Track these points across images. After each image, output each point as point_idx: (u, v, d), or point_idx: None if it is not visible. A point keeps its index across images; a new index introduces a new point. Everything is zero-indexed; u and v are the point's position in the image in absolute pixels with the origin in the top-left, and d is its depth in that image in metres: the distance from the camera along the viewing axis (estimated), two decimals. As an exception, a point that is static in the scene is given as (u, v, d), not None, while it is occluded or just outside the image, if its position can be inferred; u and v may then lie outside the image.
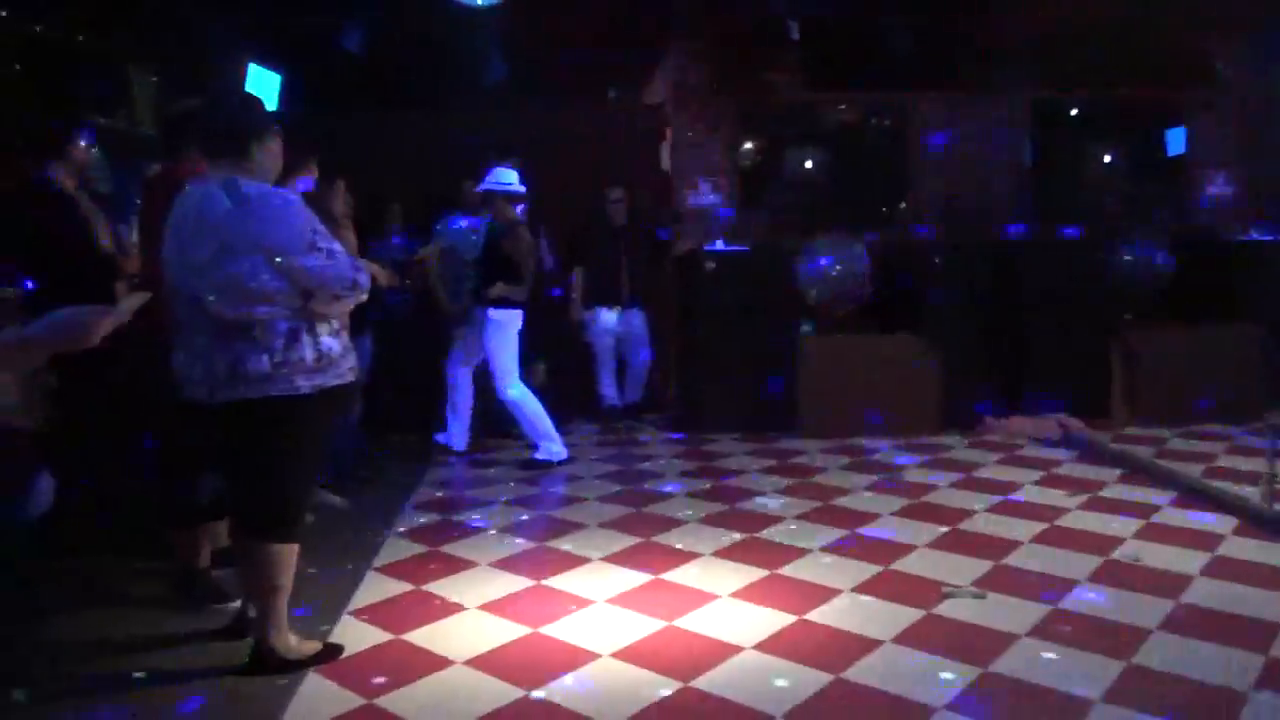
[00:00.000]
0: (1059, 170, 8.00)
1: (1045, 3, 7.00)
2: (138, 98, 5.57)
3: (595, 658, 3.04)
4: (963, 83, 7.94)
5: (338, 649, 3.10)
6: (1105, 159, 8.18)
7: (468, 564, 3.97)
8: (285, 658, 2.96)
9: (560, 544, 4.21)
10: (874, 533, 4.30)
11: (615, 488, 5.19)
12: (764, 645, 3.11)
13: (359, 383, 3.32)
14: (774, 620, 3.31)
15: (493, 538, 4.36)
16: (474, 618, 3.41)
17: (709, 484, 5.23)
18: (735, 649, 3.09)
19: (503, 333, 5.59)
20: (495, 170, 5.72)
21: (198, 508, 3.51)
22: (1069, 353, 6.62)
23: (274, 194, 2.87)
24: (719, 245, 6.78)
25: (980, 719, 2.64)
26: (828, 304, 6.62)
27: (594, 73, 8.45)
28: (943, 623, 3.29)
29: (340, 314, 3.02)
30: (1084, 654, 3.00)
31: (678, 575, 3.79)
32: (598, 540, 4.25)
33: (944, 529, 4.32)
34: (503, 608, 3.48)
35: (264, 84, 6.23)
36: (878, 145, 7.93)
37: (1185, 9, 7.26)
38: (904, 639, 3.15)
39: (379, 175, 7.09)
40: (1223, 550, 3.97)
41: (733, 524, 4.46)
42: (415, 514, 4.76)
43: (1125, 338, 6.71)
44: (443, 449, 6.02)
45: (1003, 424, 6.37)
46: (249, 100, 3.25)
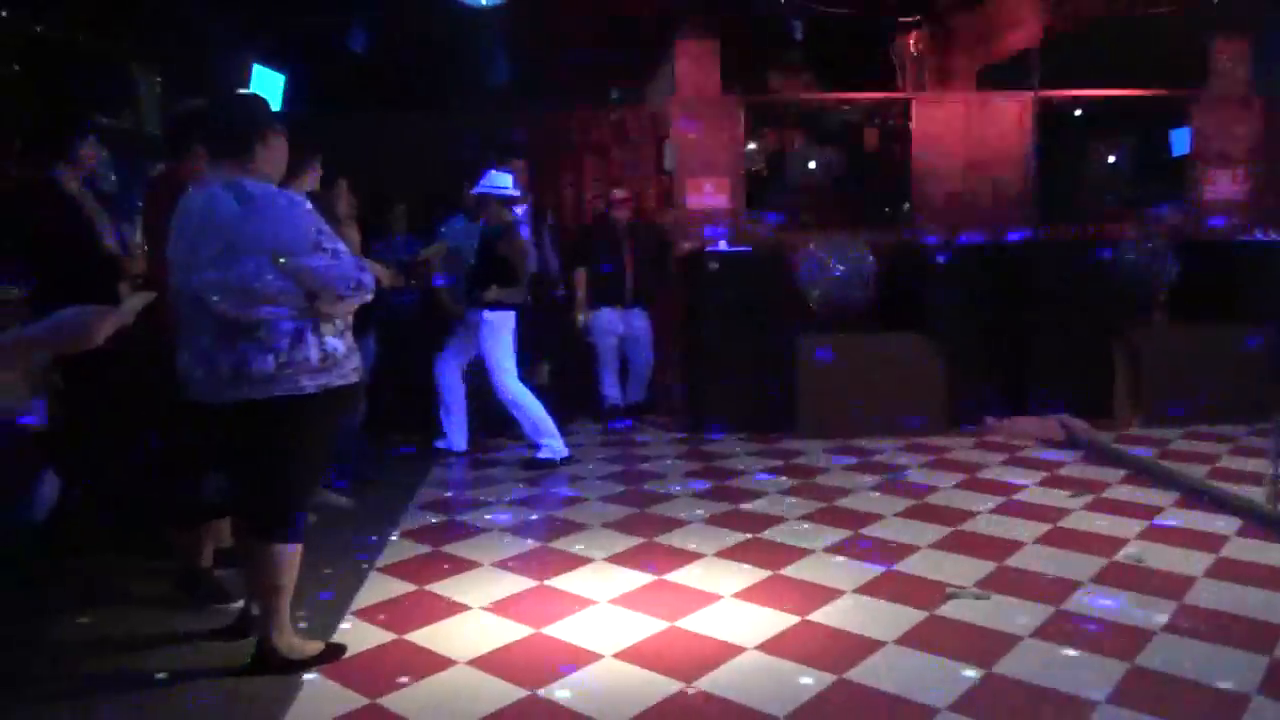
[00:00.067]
0: (1063, 170, 7.99)
1: (1048, 3, 6.99)
2: (142, 98, 5.58)
3: (598, 658, 3.05)
4: (968, 81, 7.95)
5: (340, 649, 3.10)
6: (1109, 159, 8.16)
7: (471, 564, 3.98)
8: (288, 658, 2.97)
9: (563, 544, 4.21)
10: (877, 533, 4.29)
11: (618, 488, 5.19)
12: (767, 646, 3.11)
13: (363, 383, 3.32)
14: (777, 621, 3.31)
15: (496, 538, 4.36)
16: (477, 618, 3.41)
17: (712, 484, 5.23)
18: (738, 649, 3.09)
19: (497, 333, 5.61)
20: (489, 173, 5.75)
21: (200, 507, 3.51)
22: (1072, 353, 6.61)
23: (279, 194, 2.88)
24: (722, 246, 6.78)
25: (983, 720, 2.64)
26: (831, 305, 6.62)
27: (597, 73, 8.46)
28: (946, 624, 3.29)
29: (345, 314, 3.03)
30: (1087, 655, 3.00)
31: (680, 576, 3.79)
32: (600, 540, 4.26)
33: (947, 530, 4.32)
34: (506, 608, 3.48)
35: (268, 84, 6.24)
36: (882, 145, 7.91)
37: (1189, 8, 7.25)
38: (907, 640, 3.14)
39: (382, 175, 7.12)
40: (1226, 552, 3.97)
41: (736, 524, 4.46)
42: (418, 514, 4.76)
43: (1129, 338, 6.70)
44: (444, 453, 6.02)
45: (1006, 424, 6.36)
46: (253, 100, 3.25)
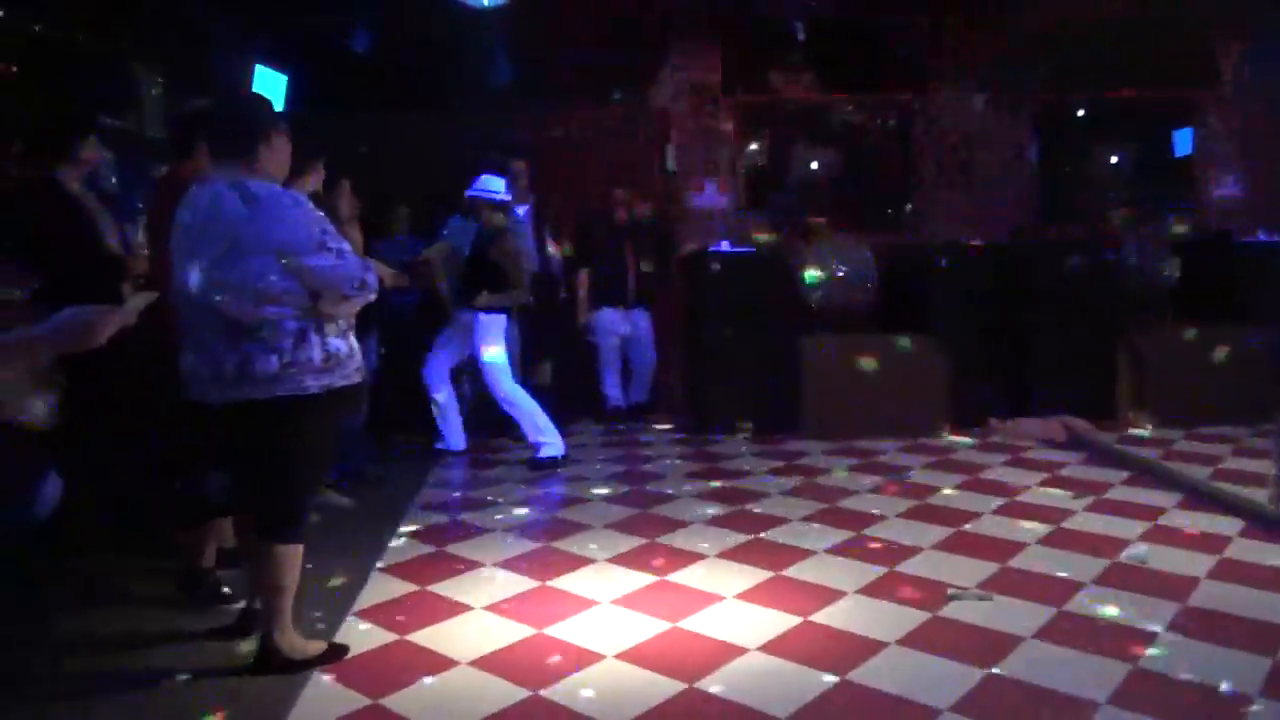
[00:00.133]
0: (1066, 171, 7.99)
1: (1052, 3, 6.99)
2: (144, 99, 5.59)
3: (600, 659, 3.05)
4: (969, 84, 7.94)
5: (343, 649, 3.10)
6: (1112, 160, 8.16)
7: (473, 564, 3.98)
8: (290, 658, 2.97)
9: (565, 545, 4.21)
10: (879, 534, 4.29)
11: (620, 488, 5.19)
12: (769, 647, 3.11)
13: (365, 384, 3.32)
14: (779, 622, 3.31)
15: (498, 538, 4.36)
16: (479, 618, 3.41)
17: (714, 485, 5.22)
18: (740, 650, 3.09)
19: (491, 334, 5.68)
20: (482, 177, 5.83)
21: (203, 507, 3.51)
22: (1075, 354, 6.60)
23: (283, 194, 2.88)
24: (724, 246, 6.78)
25: (986, 721, 2.63)
26: (833, 306, 6.62)
27: (598, 73, 8.46)
28: (948, 625, 3.28)
29: (348, 314, 3.03)
30: (1090, 656, 2.99)
31: (683, 576, 3.79)
32: (603, 541, 4.26)
33: (950, 531, 4.31)
34: (508, 608, 3.48)
35: (271, 85, 6.25)
36: (884, 145, 7.91)
37: (1192, 9, 7.25)
38: (909, 641, 3.14)
39: (383, 176, 7.13)
40: (1230, 553, 3.96)
41: (738, 525, 4.46)
42: (420, 514, 4.77)
43: (1132, 339, 6.69)
44: (444, 454, 6.03)
45: (1009, 425, 6.36)
46: (257, 100, 3.26)
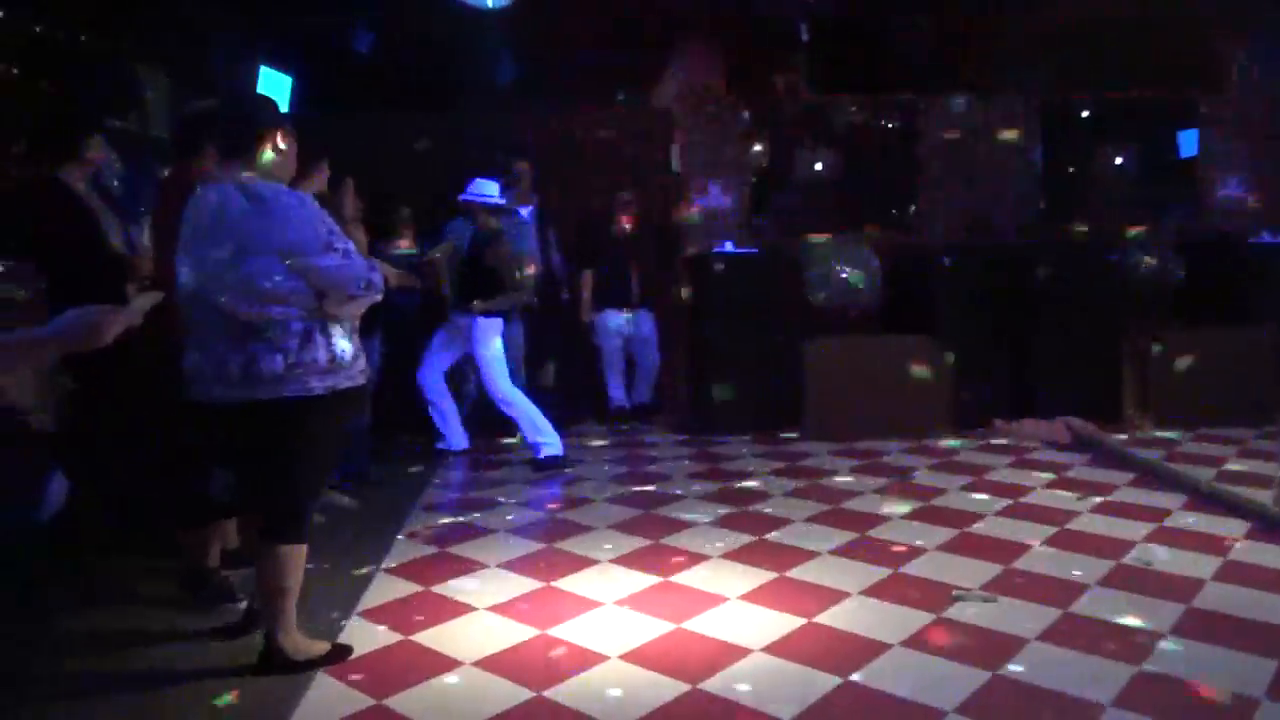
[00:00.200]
0: (1070, 172, 7.97)
1: (1056, 3, 6.98)
2: (149, 99, 5.59)
3: (604, 659, 3.05)
4: (973, 84, 7.93)
5: (347, 650, 3.11)
6: (1116, 161, 8.15)
7: (476, 565, 3.98)
8: (294, 658, 2.97)
9: (569, 545, 4.21)
10: (883, 535, 4.28)
11: (624, 489, 5.19)
12: (772, 648, 3.11)
13: (370, 385, 3.33)
14: (783, 623, 3.31)
15: (501, 539, 4.36)
16: (483, 619, 3.41)
17: (718, 486, 5.22)
18: (744, 651, 3.08)
19: (487, 336, 5.71)
20: (475, 181, 5.88)
21: (207, 507, 3.52)
22: (1080, 355, 6.59)
23: (289, 194, 2.89)
24: (728, 247, 6.78)
25: (990, 723, 2.63)
26: (837, 306, 6.62)
27: (602, 74, 8.46)
28: (952, 626, 3.28)
29: (353, 315, 3.04)
30: (1094, 658, 2.99)
31: (686, 577, 3.79)
32: (606, 542, 4.26)
33: (954, 532, 4.31)
34: (511, 609, 3.48)
35: (275, 86, 6.26)
36: (888, 147, 7.90)
37: (1196, 9, 7.24)
38: (913, 642, 3.14)
39: (388, 176, 7.14)
40: (1235, 555, 3.95)
41: (742, 526, 4.45)
42: (424, 515, 4.77)
43: (1136, 340, 6.68)
44: (447, 454, 6.04)
45: (1013, 426, 6.35)
46: (263, 101, 3.26)
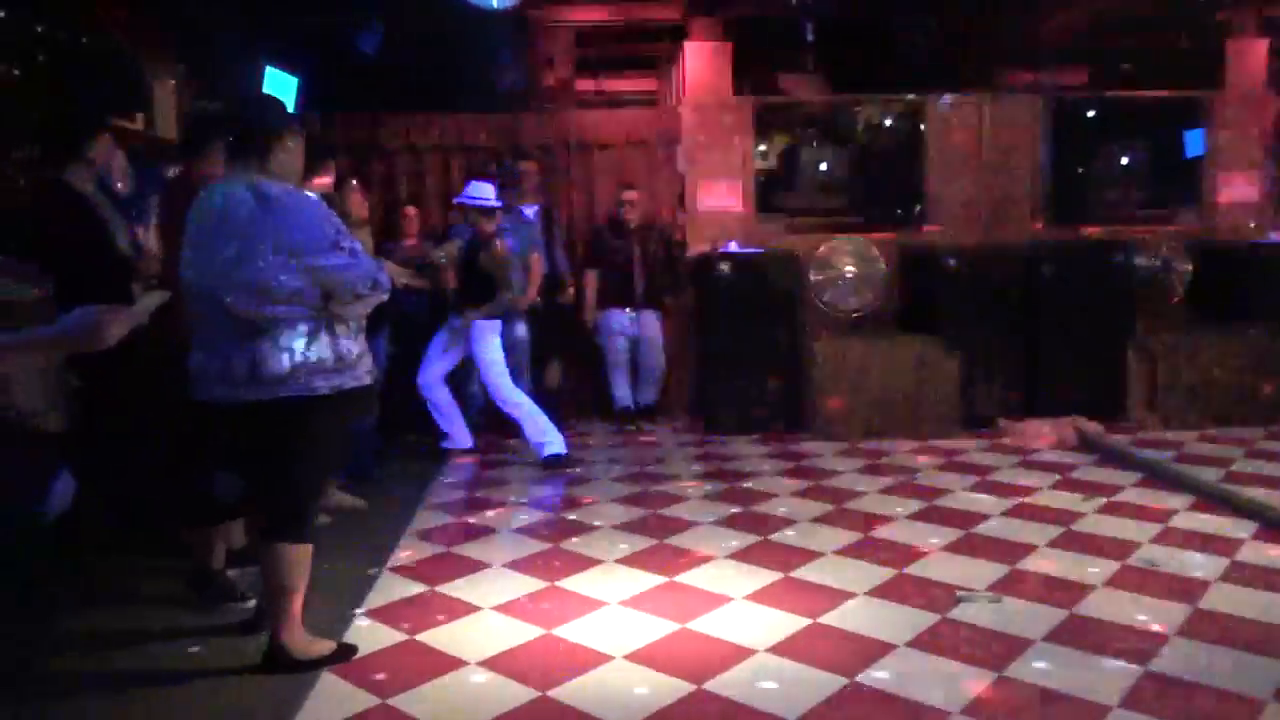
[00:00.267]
0: (1076, 172, 7.95)
1: (1063, 3, 6.96)
2: (156, 99, 5.61)
3: (608, 660, 3.05)
4: (980, 84, 7.92)
5: (352, 649, 3.12)
6: (1123, 160, 8.12)
7: (481, 565, 3.99)
8: (299, 658, 2.98)
9: (573, 545, 4.22)
10: (888, 536, 4.28)
11: (628, 489, 5.19)
12: (777, 648, 3.11)
13: (376, 385, 3.33)
14: (787, 623, 3.31)
15: (506, 539, 4.37)
16: (488, 619, 3.42)
17: (723, 486, 5.22)
18: (748, 652, 3.08)
19: (486, 338, 5.75)
20: (471, 184, 5.91)
21: (212, 507, 3.53)
22: (1086, 355, 6.57)
23: (296, 194, 2.90)
24: (733, 247, 6.77)
25: (995, 724, 2.63)
26: (843, 307, 6.61)
27: (608, 74, 8.48)
28: (957, 627, 3.27)
29: (360, 315, 3.04)
30: (1100, 659, 2.98)
31: (691, 577, 3.79)
32: (611, 542, 4.26)
33: (959, 532, 4.30)
34: (516, 609, 3.49)
35: (282, 87, 6.26)
36: (894, 146, 7.89)
37: (1204, 9, 7.22)
38: (918, 643, 3.13)
39: (394, 176, 7.16)
40: (1241, 556, 3.94)
41: (746, 526, 4.45)
42: (429, 515, 4.78)
43: (1143, 340, 6.66)
44: (453, 453, 6.05)
45: (1019, 427, 6.33)
46: (271, 101, 3.28)
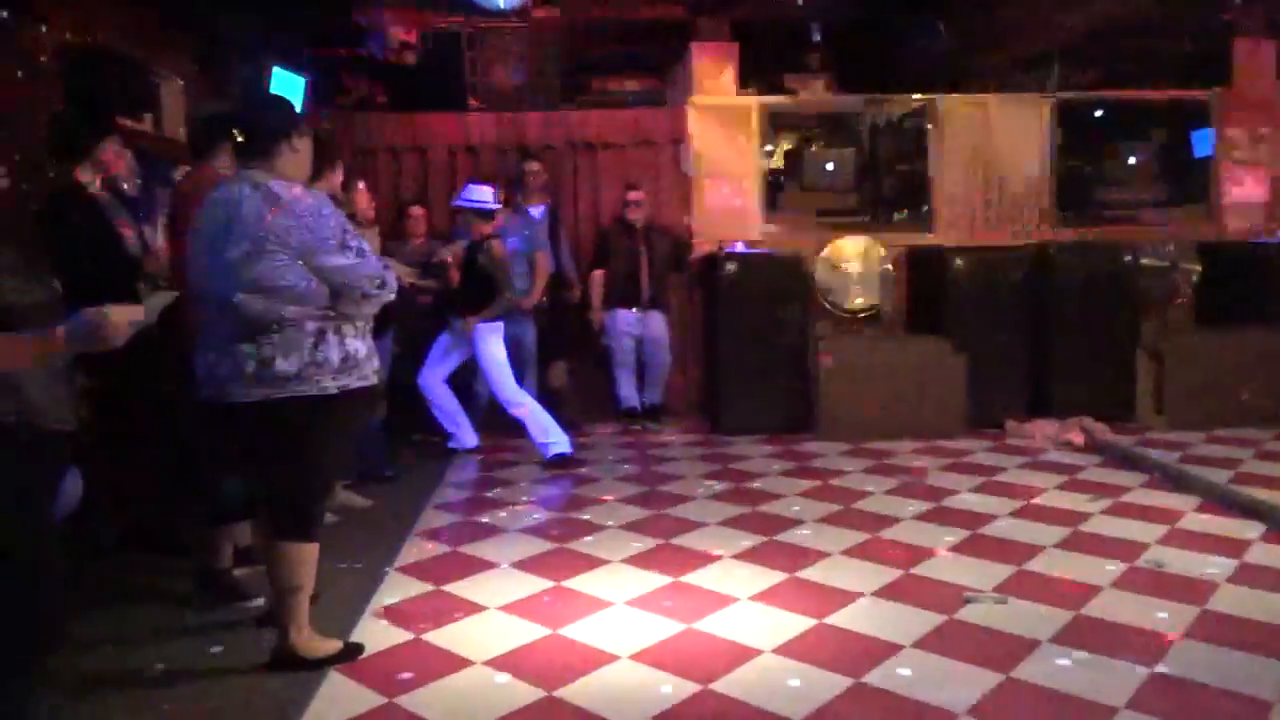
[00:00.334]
0: (1085, 171, 7.93)
1: (1070, 3, 6.94)
2: (164, 100, 5.62)
3: (614, 659, 3.05)
4: (987, 84, 7.90)
5: (358, 648, 3.12)
6: (1130, 160, 8.09)
7: (488, 565, 3.99)
8: (306, 656, 2.99)
9: (580, 545, 4.22)
10: (895, 536, 4.28)
11: (635, 490, 5.19)
12: (783, 649, 3.11)
13: (383, 384, 3.34)
14: (793, 624, 3.31)
15: (512, 538, 4.37)
16: (494, 618, 3.42)
17: (729, 486, 5.22)
18: (754, 652, 3.08)
19: (489, 340, 5.76)
20: (469, 187, 5.93)
21: (220, 507, 3.54)
22: (1093, 356, 6.56)
23: (304, 194, 2.91)
24: (740, 247, 6.76)
25: (1001, 725, 2.62)
26: (850, 307, 6.60)
27: (615, 74, 8.46)
28: (964, 628, 3.27)
29: (367, 315, 3.05)
30: (1108, 660, 2.98)
31: (697, 578, 3.79)
32: (617, 542, 4.26)
33: (966, 533, 4.29)
34: (522, 608, 3.49)
35: (289, 87, 6.27)
36: (901, 147, 7.87)
37: (1212, 8, 7.19)
38: (924, 644, 3.13)
39: (400, 176, 7.17)
40: (1249, 557, 3.93)
41: (753, 526, 4.45)
42: (436, 514, 4.78)
43: (1151, 341, 6.64)
44: (458, 452, 6.06)
45: (1026, 428, 6.32)
46: (279, 102, 3.29)
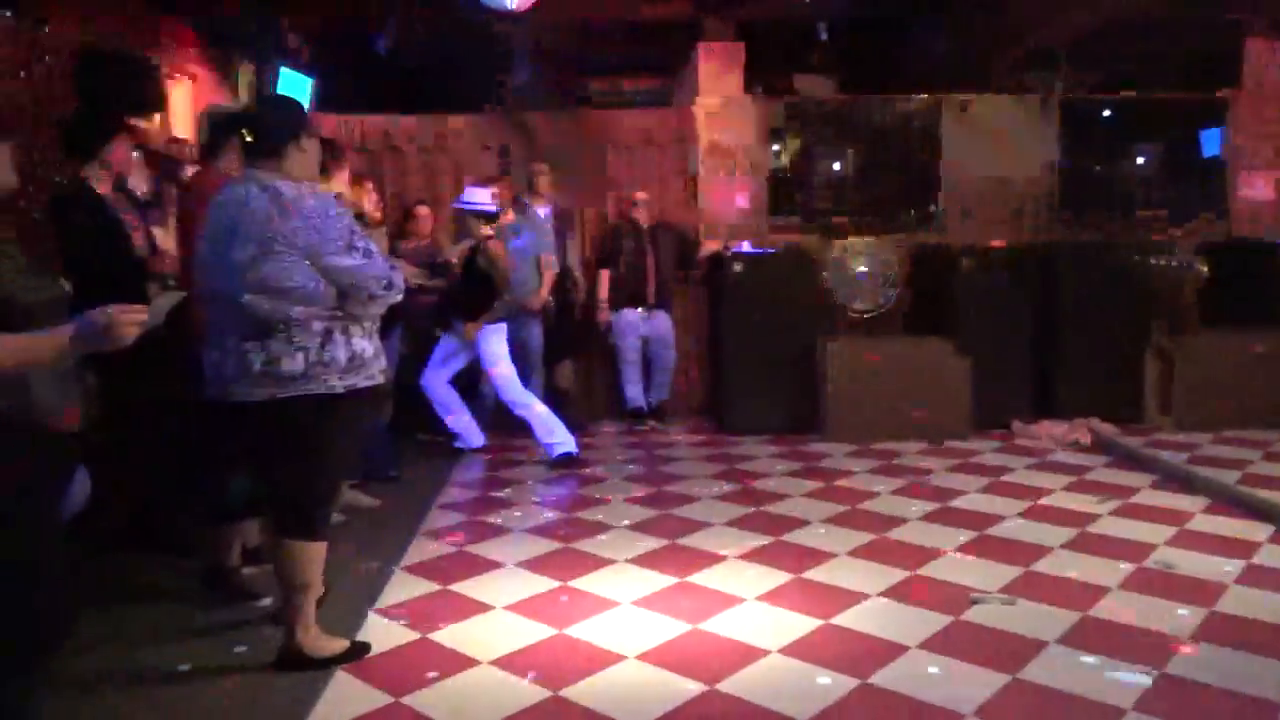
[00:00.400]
0: (1091, 172, 7.91)
1: (1078, 3, 6.92)
2: (173, 100, 5.64)
3: (621, 659, 3.05)
4: (994, 84, 7.88)
5: (365, 647, 3.13)
6: (1139, 160, 8.07)
7: (494, 564, 3.99)
8: (312, 655, 2.99)
9: (586, 545, 4.22)
10: (901, 537, 4.27)
11: (641, 490, 5.19)
12: (789, 649, 3.11)
13: (389, 384, 3.35)
14: (800, 624, 3.30)
15: (518, 538, 4.38)
16: (500, 618, 3.42)
17: (735, 486, 5.21)
18: (761, 652, 3.08)
19: (492, 340, 5.77)
20: (467, 189, 5.95)
21: (229, 506, 3.55)
22: (1101, 356, 6.54)
23: (312, 195, 2.92)
24: (746, 247, 6.76)
25: (1008, 726, 2.62)
26: (857, 307, 6.59)
27: (622, 74, 8.48)
28: (971, 629, 3.26)
29: (374, 315, 3.06)
30: (1115, 662, 2.97)
31: (703, 578, 3.79)
32: (623, 542, 4.26)
33: (973, 534, 4.29)
34: (529, 608, 3.49)
35: (295, 87, 6.29)
36: (908, 147, 7.87)
37: (1220, 8, 7.16)
38: (931, 645, 3.13)
39: (407, 176, 7.18)
40: (1258, 558, 3.91)
41: (759, 527, 4.45)
42: (442, 514, 4.79)
43: (1159, 341, 6.62)
44: (465, 452, 6.07)
45: (1033, 428, 6.30)
46: (287, 102, 3.30)
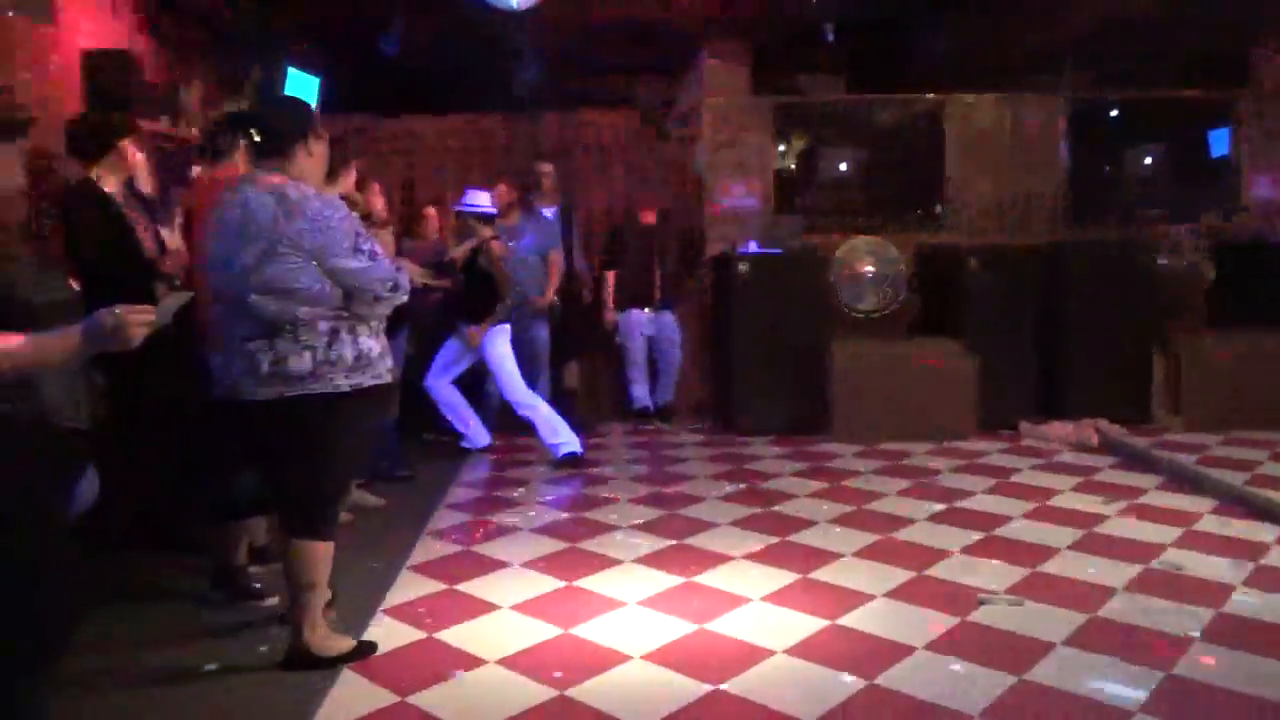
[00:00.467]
0: (1099, 172, 7.89)
1: (1085, 2, 6.90)
2: (182, 100, 5.66)
3: (626, 659, 3.05)
4: (1001, 83, 7.86)
5: (371, 646, 3.13)
6: (1146, 160, 8.05)
7: (500, 564, 4.00)
8: (319, 654, 3.00)
9: (592, 545, 4.22)
10: (908, 537, 4.26)
11: (647, 490, 5.19)
12: (795, 649, 3.10)
13: (396, 383, 3.35)
14: (806, 624, 3.30)
15: (525, 538, 4.38)
16: (506, 617, 3.43)
17: (741, 486, 5.21)
18: (766, 653, 3.08)
19: (496, 342, 5.78)
20: (468, 192, 5.98)
21: (235, 505, 3.56)
22: (1109, 357, 6.52)
23: (318, 196, 2.92)
24: (752, 247, 6.76)
25: (1015, 728, 2.61)
26: (863, 307, 6.59)
27: (627, 74, 8.47)
28: (977, 630, 3.26)
29: (380, 315, 3.06)
30: (1122, 664, 2.96)
31: (709, 578, 3.79)
32: (629, 542, 4.26)
33: (980, 535, 4.28)
34: (535, 608, 3.50)
35: (303, 87, 6.30)
36: (914, 147, 7.86)
37: (1227, 7, 7.13)
38: (938, 645, 3.12)
39: (414, 177, 7.21)
40: (1266, 559, 3.90)
41: (765, 527, 4.44)
42: (448, 513, 4.79)
43: (1167, 342, 6.60)
44: (471, 451, 6.08)
45: (1040, 429, 6.29)
46: (294, 103, 3.31)
